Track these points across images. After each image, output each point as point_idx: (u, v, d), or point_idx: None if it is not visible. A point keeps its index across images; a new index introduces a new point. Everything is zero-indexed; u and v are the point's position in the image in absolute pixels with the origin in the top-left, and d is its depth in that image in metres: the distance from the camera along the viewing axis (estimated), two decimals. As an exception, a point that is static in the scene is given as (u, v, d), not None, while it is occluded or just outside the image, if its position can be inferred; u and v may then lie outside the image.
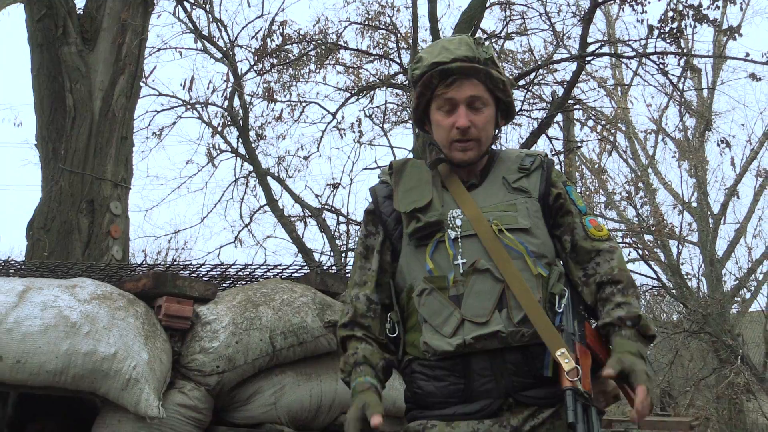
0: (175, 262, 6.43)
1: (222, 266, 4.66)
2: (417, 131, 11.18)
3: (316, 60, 12.36)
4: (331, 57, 12.49)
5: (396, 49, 12.23)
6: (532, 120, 11.79)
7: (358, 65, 13.27)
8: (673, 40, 9.41)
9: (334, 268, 6.98)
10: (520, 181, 2.29)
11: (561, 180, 2.35)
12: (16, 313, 3.26)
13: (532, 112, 11.85)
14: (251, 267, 4.59)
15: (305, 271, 4.56)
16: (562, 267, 2.26)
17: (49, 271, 4.30)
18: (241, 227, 14.30)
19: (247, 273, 4.62)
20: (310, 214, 13.78)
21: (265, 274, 4.59)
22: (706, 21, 9.10)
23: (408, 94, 11.94)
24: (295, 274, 4.55)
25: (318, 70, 12.87)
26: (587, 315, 2.24)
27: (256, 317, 3.60)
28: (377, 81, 12.69)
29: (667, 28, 9.17)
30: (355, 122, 13.35)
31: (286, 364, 3.69)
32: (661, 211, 15.84)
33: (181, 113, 13.27)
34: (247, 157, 13.10)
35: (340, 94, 13.43)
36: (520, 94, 11.09)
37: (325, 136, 13.45)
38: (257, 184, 13.47)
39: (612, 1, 10.47)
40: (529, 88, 11.38)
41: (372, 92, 13.03)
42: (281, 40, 11.71)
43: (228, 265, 4.61)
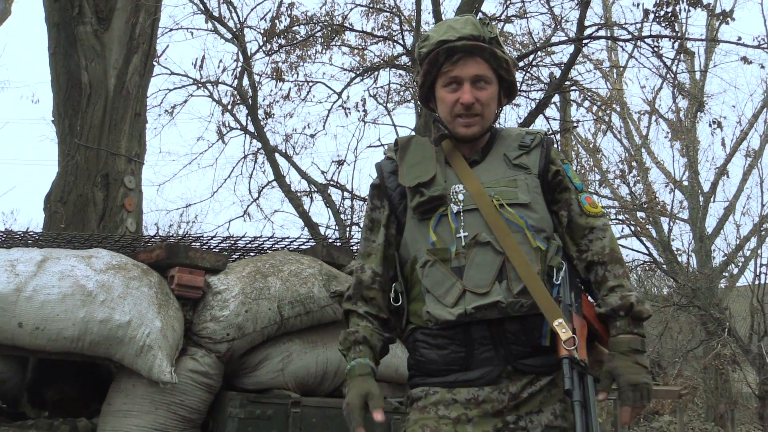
0: (187, 235, 6.43)
1: (232, 239, 4.66)
2: (420, 110, 11.15)
3: (323, 41, 12.32)
4: (336, 38, 12.44)
5: (400, 31, 12.18)
6: (531, 100, 11.77)
7: (363, 46, 13.23)
8: (667, 23, 9.35)
9: (339, 241, 6.98)
10: (520, 158, 2.28)
11: (559, 158, 2.35)
12: (35, 282, 3.26)
13: (531, 93, 11.83)
14: (260, 240, 4.59)
15: (312, 244, 4.56)
16: (560, 241, 2.26)
17: (66, 242, 4.30)
18: (250, 202, 14.34)
19: (256, 245, 4.62)
20: (316, 190, 13.79)
21: (273, 246, 4.59)
22: (699, 5, 9.02)
23: (411, 74, 11.89)
24: (302, 247, 4.55)
25: (324, 51, 12.85)
26: (583, 287, 2.25)
27: (265, 287, 3.61)
28: (381, 62, 12.65)
29: (662, 12, 9.11)
30: (360, 102, 13.33)
31: (294, 333, 3.70)
32: (654, 189, 15.83)
33: (192, 92, 13.28)
34: (256, 134, 13.09)
35: (346, 74, 13.42)
36: (519, 76, 11.02)
37: (330, 114, 13.50)
38: (265, 160, 13.48)
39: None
40: (528, 70, 11.34)
41: (376, 73, 13.00)
42: (289, 22, 11.64)
43: (238, 238, 4.61)
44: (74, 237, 4.49)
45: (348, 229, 12.90)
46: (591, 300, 2.24)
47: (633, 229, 15.24)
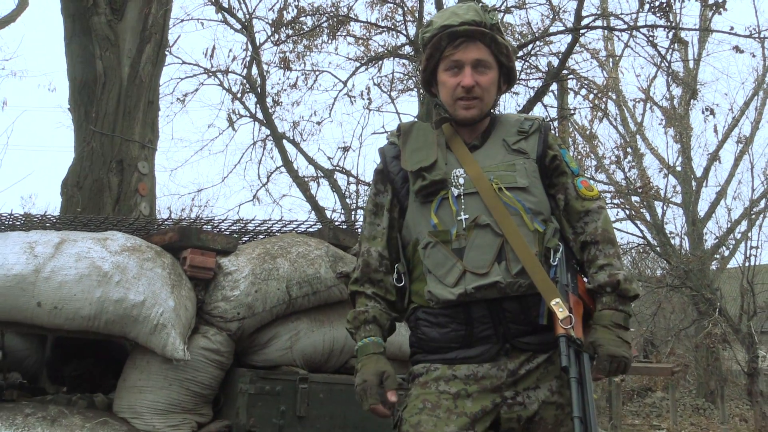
0: (199, 218, 6.42)
1: (242, 222, 4.65)
2: (422, 98, 11.12)
3: (329, 31, 12.27)
4: (342, 29, 12.39)
5: (403, 22, 12.13)
6: (529, 89, 11.73)
7: (368, 37, 13.18)
8: (662, 13, 9.29)
9: (345, 224, 6.97)
10: (519, 143, 2.28)
11: (557, 143, 2.35)
12: (53, 263, 3.26)
13: (529, 82, 11.79)
14: (269, 223, 4.58)
15: (318, 226, 4.55)
16: (557, 223, 2.25)
17: (82, 225, 4.30)
18: (259, 187, 14.34)
19: (265, 228, 4.61)
20: (322, 175, 13.80)
21: (281, 229, 4.58)
22: (693, -5, 8.96)
23: (414, 64, 11.85)
24: (310, 230, 4.54)
25: (330, 41, 12.80)
26: (579, 268, 2.25)
27: (274, 268, 3.61)
28: (385, 51, 12.61)
29: (657, 3, 9.05)
30: (365, 90, 13.29)
31: (301, 312, 3.70)
32: (648, 175, 15.79)
33: (203, 80, 13.27)
34: (265, 121, 13.08)
35: (351, 63, 13.38)
36: (518, 65, 10.94)
37: (336, 102, 13.44)
38: (274, 146, 13.47)
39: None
40: (527, 59, 11.29)
41: (380, 62, 12.97)
42: (296, 13, 11.60)
43: (247, 221, 4.60)
44: (90, 220, 4.48)
45: (353, 213, 12.91)
46: (586, 280, 2.25)
47: (628, 212, 15.24)
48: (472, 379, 2.11)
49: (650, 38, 9.77)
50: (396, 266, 2.27)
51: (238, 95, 13.14)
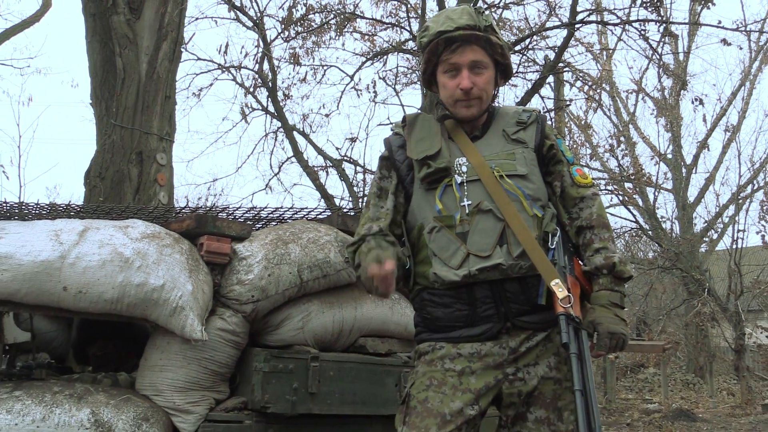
0: (214, 206, 6.43)
1: (255, 209, 4.65)
2: (425, 91, 11.08)
3: (336, 28, 12.24)
4: (349, 25, 12.36)
5: (407, 18, 12.07)
6: (527, 81, 11.70)
7: (373, 33, 13.15)
8: (653, 8, 9.24)
9: (353, 211, 6.97)
10: (518, 134, 2.29)
11: (553, 133, 2.36)
12: (78, 249, 3.26)
13: (527, 75, 11.76)
14: (281, 210, 4.58)
15: (328, 213, 4.54)
16: (554, 209, 2.26)
17: (104, 214, 4.30)
18: (271, 176, 14.37)
19: (278, 215, 4.60)
20: (331, 165, 13.81)
21: (293, 216, 4.57)
22: (683, -9, 8.90)
23: (417, 58, 11.81)
24: (319, 217, 4.53)
25: (337, 37, 12.78)
26: (574, 251, 2.25)
27: (286, 253, 3.60)
28: (390, 47, 12.58)
29: (649, -2, 9.00)
30: (371, 84, 13.30)
31: (312, 294, 3.70)
32: (640, 162, 15.75)
33: (217, 75, 13.25)
34: (276, 114, 13.08)
35: (357, 58, 13.41)
36: (515, 59, 10.98)
37: (343, 96, 13.45)
38: (285, 138, 13.48)
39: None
40: (524, 53, 11.26)
41: (385, 57, 12.93)
42: (305, 11, 11.57)
43: (260, 209, 4.60)
44: (112, 209, 4.48)
45: (360, 200, 12.92)
46: (581, 263, 2.25)
47: (621, 198, 15.20)
48: (476, 356, 2.11)
49: (642, 32, 9.75)
50: (402, 250, 2.27)
51: (251, 89, 13.16)
